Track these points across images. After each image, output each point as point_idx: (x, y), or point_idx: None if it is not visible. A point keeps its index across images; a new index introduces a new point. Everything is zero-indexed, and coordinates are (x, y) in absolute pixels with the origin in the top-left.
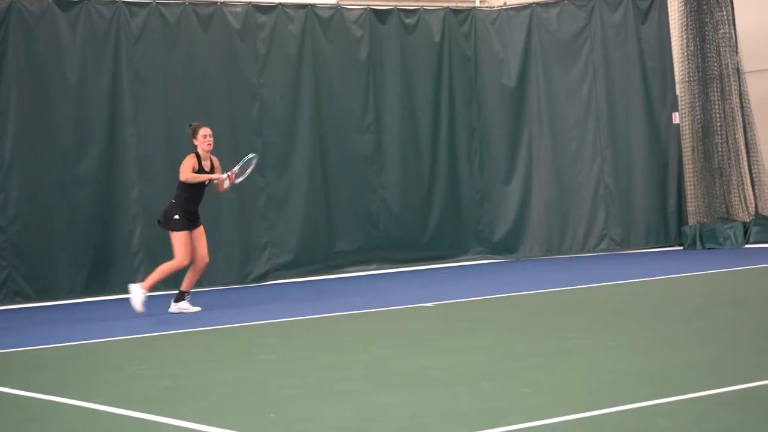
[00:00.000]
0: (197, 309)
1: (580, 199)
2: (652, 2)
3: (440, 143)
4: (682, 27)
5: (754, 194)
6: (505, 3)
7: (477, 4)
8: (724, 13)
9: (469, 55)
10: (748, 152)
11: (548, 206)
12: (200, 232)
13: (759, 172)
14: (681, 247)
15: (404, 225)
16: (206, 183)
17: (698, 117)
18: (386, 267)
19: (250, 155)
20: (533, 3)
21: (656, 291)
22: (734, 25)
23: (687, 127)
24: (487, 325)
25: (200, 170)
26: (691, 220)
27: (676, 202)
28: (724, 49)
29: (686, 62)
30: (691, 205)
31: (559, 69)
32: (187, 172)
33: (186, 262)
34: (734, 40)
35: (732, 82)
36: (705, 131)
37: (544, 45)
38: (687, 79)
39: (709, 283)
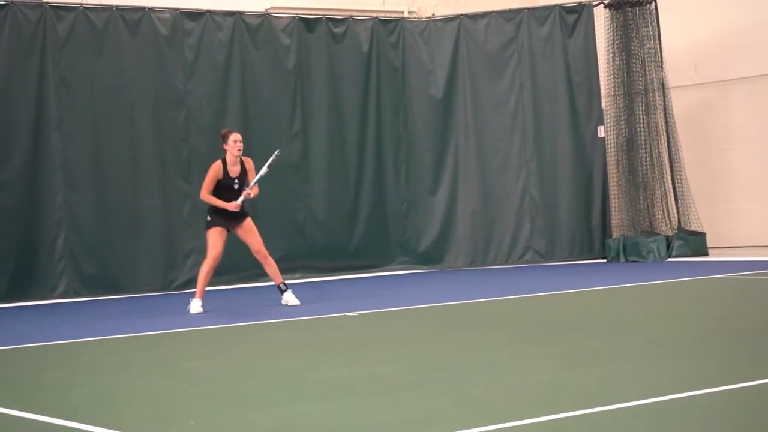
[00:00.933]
0: (298, 302)
1: (506, 211)
2: (579, 16)
3: (367, 152)
4: (608, 41)
5: (677, 208)
6: (433, 14)
7: (405, 14)
8: (650, 28)
9: (397, 65)
10: (671, 167)
11: (473, 217)
12: (246, 226)
13: (682, 187)
14: (604, 260)
15: (330, 234)
16: (235, 187)
17: (623, 131)
18: (311, 276)
19: (275, 153)
20: (461, 15)
21: (580, 303)
22: (660, 40)
23: (612, 141)
24: (409, 336)
25: (225, 176)
26: (615, 233)
27: (600, 215)
28: (650, 64)
29: (612, 76)
30: (615, 218)
31: (487, 80)
32: (205, 191)
33: (213, 258)
34: (659, 55)
35: (657, 96)
36: (630, 145)
37: (471, 56)
38: (612, 93)
39: (633, 296)
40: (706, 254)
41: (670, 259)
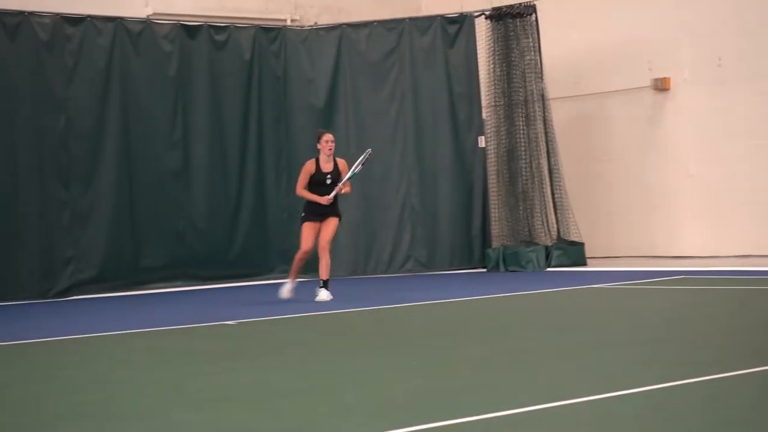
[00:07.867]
0: (328, 299)
1: (386, 221)
2: (460, 27)
3: (248, 161)
4: (489, 52)
5: (557, 218)
6: (315, 23)
7: (288, 23)
8: (531, 40)
9: (278, 74)
10: (551, 177)
11: (354, 227)
12: (328, 221)
13: (561, 197)
14: (484, 270)
15: (210, 242)
16: (328, 182)
17: (503, 141)
18: (191, 284)
19: (367, 152)
20: (343, 24)
21: (458, 312)
22: (540, 52)
23: (492, 151)
24: (287, 344)
25: (317, 172)
26: (495, 243)
27: (480, 224)
28: (530, 75)
29: (493, 87)
30: (495, 228)
31: (368, 90)
32: (300, 186)
33: (306, 248)
34: (540, 66)
35: (537, 107)
36: (510, 155)
37: (353, 66)
38: (493, 104)
39: (510, 306)
40: (584, 264)
41: (549, 269)
